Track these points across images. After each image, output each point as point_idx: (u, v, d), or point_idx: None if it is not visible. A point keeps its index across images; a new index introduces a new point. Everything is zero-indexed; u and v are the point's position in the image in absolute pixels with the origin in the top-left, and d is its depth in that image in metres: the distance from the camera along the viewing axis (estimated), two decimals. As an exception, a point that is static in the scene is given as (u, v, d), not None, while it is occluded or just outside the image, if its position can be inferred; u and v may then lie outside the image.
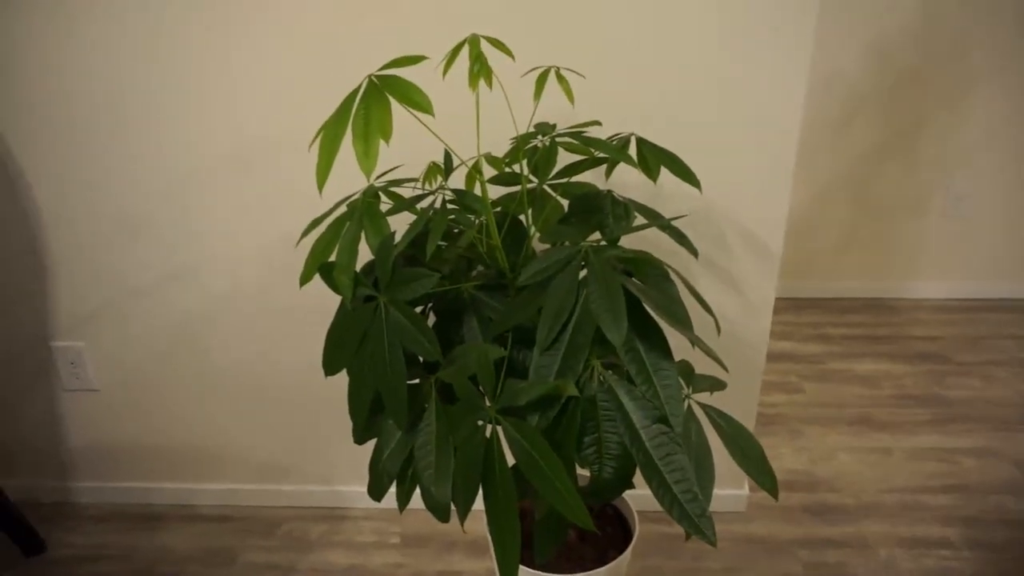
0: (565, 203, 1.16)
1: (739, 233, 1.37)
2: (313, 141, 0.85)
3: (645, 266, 0.98)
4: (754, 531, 1.60)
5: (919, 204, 2.47)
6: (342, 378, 1.55)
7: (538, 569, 1.17)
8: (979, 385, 2.10)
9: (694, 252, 1.08)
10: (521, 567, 1.17)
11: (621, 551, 1.25)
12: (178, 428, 1.63)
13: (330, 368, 1.01)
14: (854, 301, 2.59)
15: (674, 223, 1.30)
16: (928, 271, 2.56)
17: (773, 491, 0.99)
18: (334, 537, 1.62)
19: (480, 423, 0.88)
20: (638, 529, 1.30)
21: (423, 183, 1.04)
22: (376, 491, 0.97)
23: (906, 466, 1.80)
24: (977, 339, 2.33)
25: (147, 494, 1.71)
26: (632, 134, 1.06)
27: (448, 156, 1.04)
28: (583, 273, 0.90)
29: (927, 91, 2.32)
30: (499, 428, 0.87)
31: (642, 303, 0.88)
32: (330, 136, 0.79)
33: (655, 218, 1.10)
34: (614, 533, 1.31)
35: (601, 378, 0.85)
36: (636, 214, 1.11)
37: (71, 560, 1.57)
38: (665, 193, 1.35)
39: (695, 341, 0.87)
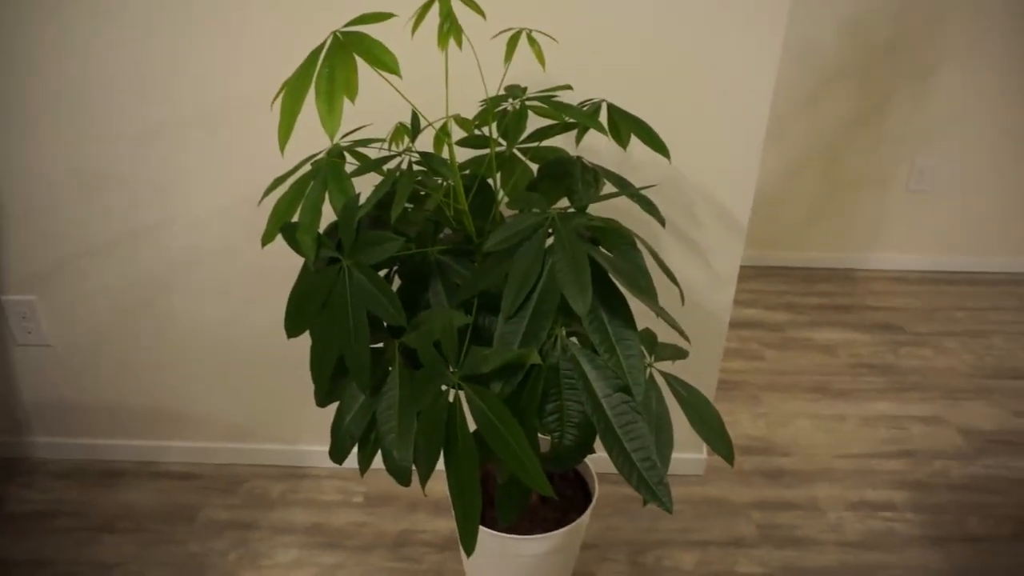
0: (535, 167, 1.15)
1: (708, 203, 1.38)
2: (275, 99, 0.82)
3: (612, 235, 0.98)
4: (711, 493, 1.65)
5: (885, 177, 2.50)
6: (306, 340, 1.54)
7: (499, 531, 1.19)
8: (931, 355, 2.17)
9: (662, 221, 1.08)
10: (483, 529, 1.19)
11: (581, 512, 1.27)
12: (138, 386, 1.61)
13: (292, 330, 1.00)
14: (820, 271, 2.64)
15: (643, 191, 1.30)
16: (890, 243, 2.61)
17: (729, 459, 1.01)
18: (296, 496, 1.63)
19: (443, 388, 0.89)
20: (598, 491, 1.33)
21: (390, 144, 1.02)
22: (337, 454, 0.97)
23: (859, 432, 1.86)
24: (932, 310, 2.40)
25: (108, 451, 1.69)
26: (603, 100, 1.05)
27: (415, 117, 1.02)
28: (550, 241, 0.89)
29: (899, 66, 2.33)
30: (462, 393, 0.87)
31: (607, 272, 0.88)
32: (292, 95, 0.77)
33: (624, 186, 1.10)
34: (574, 495, 1.34)
35: (564, 346, 0.85)
36: (605, 181, 1.11)
37: (27, 516, 1.56)
38: (635, 161, 1.34)
39: (659, 312, 0.87)
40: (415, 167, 1.03)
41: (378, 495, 1.63)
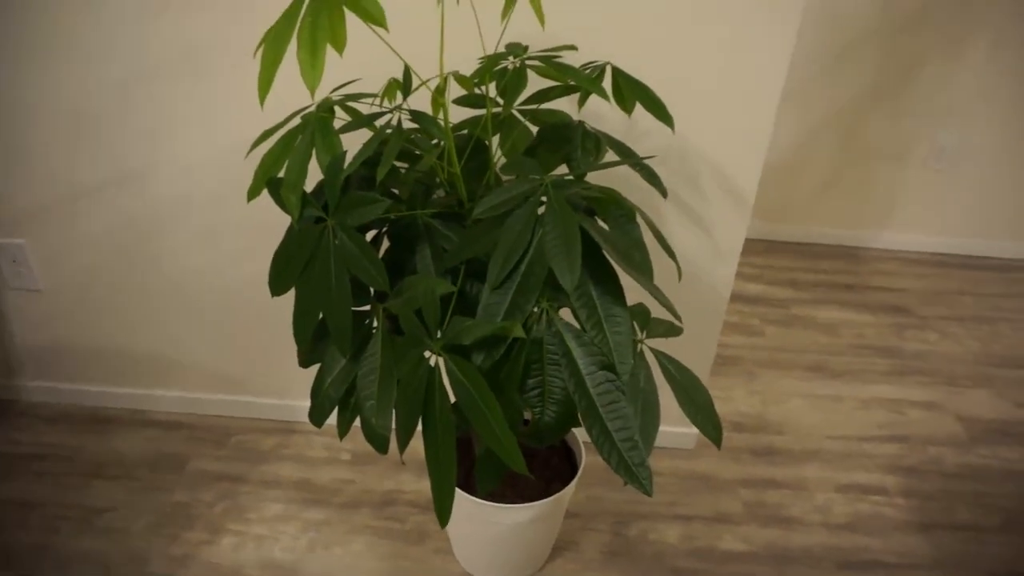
0: (534, 130, 1.11)
1: (713, 175, 1.33)
2: (257, 49, 0.78)
3: (610, 205, 0.94)
4: (699, 468, 1.64)
5: (902, 152, 2.43)
6: (291, 296, 1.51)
7: (481, 498, 1.18)
8: (935, 340, 2.13)
9: (663, 192, 1.04)
10: (464, 495, 1.19)
11: (566, 482, 1.26)
12: (129, 333, 1.59)
13: (276, 288, 0.98)
14: (828, 248, 2.59)
15: (645, 161, 1.26)
16: (902, 222, 2.55)
17: (717, 441, 0.99)
18: (285, 451, 1.63)
19: (425, 356, 0.86)
20: (584, 461, 1.32)
21: (382, 100, 0.98)
22: (317, 417, 0.95)
23: (855, 415, 1.83)
24: (940, 294, 2.35)
25: (98, 397, 1.69)
26: (608, 63, 1.00)
27: (408, 73, 0.98)
28: (542, 209, 0.86)
29: (926, 36, 2.24)
30: (442, 363, 0.85)
31: (599, 246, 0.84)
32: (273, 44, 0.72)
33: (627, 154, 1.05)
34: (560, 464, 1.33)
35: (550, 321, 0.82)
36: (607, 149, 1.07)
37: (17, 457, 1.56)
38: (640, 128, 1.29)
39: (652, 291, 0.84)
40: (409, 125, 0.99)
41: (365, 453, 1.63)
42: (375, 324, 0.96)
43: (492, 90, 1.07)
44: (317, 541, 1.42)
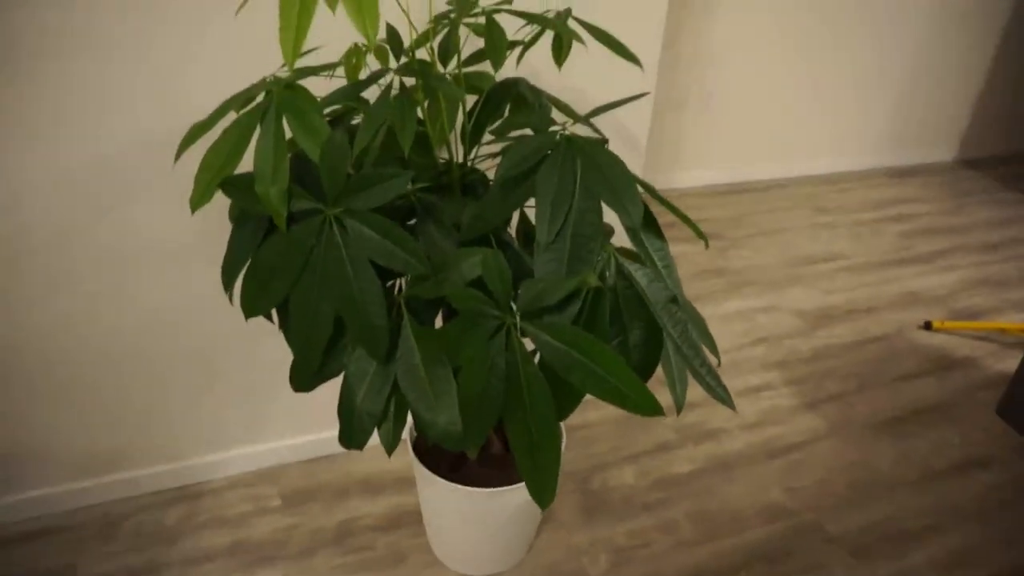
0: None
1: (609, 123, 1.38)
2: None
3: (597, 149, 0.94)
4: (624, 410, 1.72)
5: (681, 101, 2.73)
6: (171, 334, 1.29)
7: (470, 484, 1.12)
8: (750, 255, 2.46)
9: (605, 141, 1.06)
10: (460, 488, 1.11)
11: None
12: (-51, 435, 1.22)
13: (257, 307, 0.83)
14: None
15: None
16: (691, 161, 2.88)
17: (718, 358, 1.05)
18: (198, 518, 1.38)
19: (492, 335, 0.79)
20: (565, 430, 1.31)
21: (348, 69, 0.86)
22: (355, 438, 0.83)
23: (721, 331, 2.05)
24: (738, 217, 2.71)
25: (-91, 530, 1.27)
26: (568, 9, 0.98)
27: (394, 30, 0.87)
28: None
29: (686, -5, 2.53)
30: (507, 336, 0.78)
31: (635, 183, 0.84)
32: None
33: (564, 107, 1.05)
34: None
35: (620, 265, 0.80)
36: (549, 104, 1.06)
37: None
38: (542, 83, 1.30)
39: (683, 217, 0.86)
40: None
41: (295, 492, 1.44)
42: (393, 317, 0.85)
43: (424, 54, 0.99)
44: (284, 602, 1.24)
